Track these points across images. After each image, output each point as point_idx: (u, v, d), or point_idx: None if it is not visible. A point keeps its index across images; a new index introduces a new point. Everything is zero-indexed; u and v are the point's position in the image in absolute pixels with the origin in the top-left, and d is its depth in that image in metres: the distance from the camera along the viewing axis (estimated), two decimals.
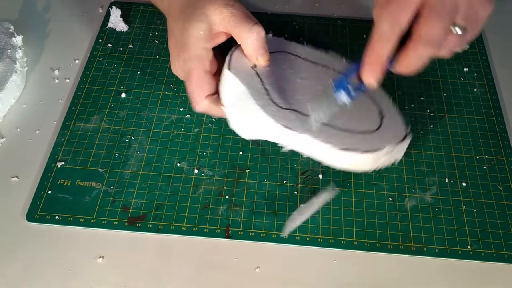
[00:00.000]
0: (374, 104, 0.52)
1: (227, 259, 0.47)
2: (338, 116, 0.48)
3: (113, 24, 0.64)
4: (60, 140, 0.54)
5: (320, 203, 0.49)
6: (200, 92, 0.50)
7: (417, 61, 0.43)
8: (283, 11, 0.67)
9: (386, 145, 0.47)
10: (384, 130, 0.49)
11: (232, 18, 0.49)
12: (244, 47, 0.50)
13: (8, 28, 0.60)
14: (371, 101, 0.52)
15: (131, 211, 0.49)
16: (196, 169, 0.52)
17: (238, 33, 0.50)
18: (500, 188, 0.52)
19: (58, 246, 0.47)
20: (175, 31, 0.52)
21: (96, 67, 0.60)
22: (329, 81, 0.46)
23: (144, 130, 0.55)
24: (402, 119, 0.50)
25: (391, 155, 0.48)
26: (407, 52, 0.42)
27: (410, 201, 0.51)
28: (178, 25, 0.51)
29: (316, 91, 0.51)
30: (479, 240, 0.48)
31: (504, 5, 0.69)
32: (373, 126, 0.49)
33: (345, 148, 0.46)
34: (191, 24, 0.50)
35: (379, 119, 0.50)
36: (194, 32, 0.49)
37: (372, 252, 0.47)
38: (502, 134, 0.56)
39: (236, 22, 0.49)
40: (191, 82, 0.50)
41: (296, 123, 0.47)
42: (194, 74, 0.50)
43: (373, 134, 0.49)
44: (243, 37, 0.49)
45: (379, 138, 0.48)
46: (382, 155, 0.47)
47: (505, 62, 0.63)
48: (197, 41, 0.50)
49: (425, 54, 0.42)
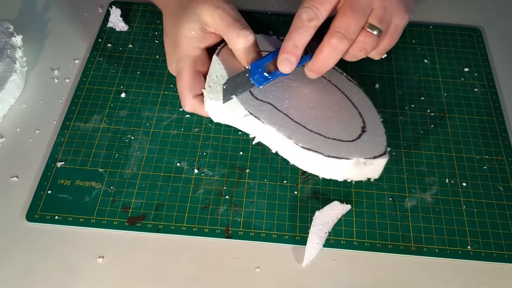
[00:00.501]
0: (360, 118, 0.51)
1: (227, 259, 0.47)
2: (313, 119, 0.49)
3: (113, 24, 0.64)
4: (60, 140, 0.54)
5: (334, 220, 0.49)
6: (189, 91, 0.50)
7: (330, 54, 0.45)
8: (283, 11, 0.67)
9: (355, 156, 0.46)
10: (360, 143, 0.48)
11: (222, 21, 0.49)
12: (234, 51, 0.50)
13: (8, 28, 0.60)
14: (358, 115, 0.51)
15: (131, 211, 0.49)
16: (196, 169, 0.52)
17: (227, 37, 0.50)
18: (500, 188, 0.52)
19: (58, 246, 0.47)
20: (168, 31, 0.52)
21: (96, 67, 0.60)
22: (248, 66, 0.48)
23: (144, 130, 0.55)
24: (384, 140, 0.49)
25: (362, 170, 0.48)
26: (322, 44, 0.45)
27: (410, 201, 0.51)
28: (171, 25, 0.52)
29: (301, 93, 0.52)
30: (479, 240, 0.48)
31: (504, 5, 0.69)
32: (349, 137, 0.49)
33: (307, 148, 0.46)
34: (183, 24, 0.50)
35: (359, 133, 0.50)
36: (185, 32, 0.50)
37: (372, 252, 0.47)
38: (503, 134, 0.56)
39: (225, 26, 0.49)
40: (181, 81, 0.50)
41: (264, 114, 0.48)
42: (184, 74, 0.50)
43: (346, 143, 0.48)
44: (232, 41, 0.49)
45: (351, 149, 0.47)
46: (348, 166, 0.47)
47: (505, 62, 0.63)
48: (188, 41, 0.50)
49: (338, 47, 0.45)
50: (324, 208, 0.49)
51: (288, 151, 0.48)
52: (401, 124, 0.56)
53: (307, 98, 0.51)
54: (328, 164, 0.47)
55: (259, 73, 0.47)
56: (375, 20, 0.45)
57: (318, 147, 0.46)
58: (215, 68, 0.51)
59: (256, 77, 0.47)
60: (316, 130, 0.48)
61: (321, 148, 0.46)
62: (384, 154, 0.48)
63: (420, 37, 0.64)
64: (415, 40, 0.64)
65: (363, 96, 0.53)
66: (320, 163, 0.47)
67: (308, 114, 0.50)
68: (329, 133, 0.48)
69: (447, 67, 0.62)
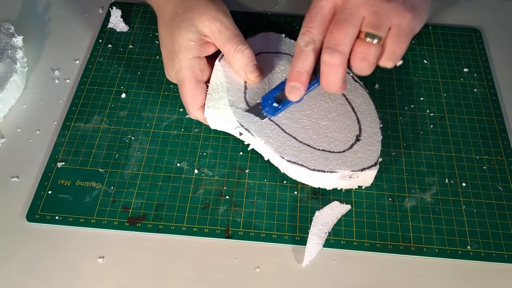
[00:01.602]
0: (357, 125, 0.51)
1: (227, 259, 0.47)
2: (305, 128, 0.50)
3: (113, 25, 0.64)
4: (60, 140, 0.54)
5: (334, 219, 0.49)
6: (193, 102, 0.51)
7: (330, 71, 0.44)
8: (283, 11, 0.67)
9: (341, 169, 0.47)
10: (351, 154, 0.49)
11: (220, 35, 0.50)
12: (231, 65, 0.52)
13: (9, 29, 0.60)
14: (356, 122, 0.51)
15: (131, 211, 0.49)
16: (196, 169, 0.52)
17: (225, 52, 0.51)
18: (500, 188, 0.52)
19: (58, 246, 0.47)
20: (165, 40, 0.52)
21: (96, 68, 0.60)
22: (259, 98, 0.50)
23: (144, 130, 0.55)
24: (379, 150, 0.50)
25: (350, 181, 0.49)
26: (321, 64, 0.44)
27: (410, 201, 0.51)
28: (167, 35, 0.52)
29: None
30: (479, 240, 0.48)
31: (504, 5, 0.69)
32: (340, 148, 0.49)
33: (292, 161, 0.48)
34: (180, 34, 0.50)
35: (352, 142, 0.50)
36: (184, 42, 0.50)
37: (372, 252, 0.48)
38: (502, 134, 0.56)
39: (223, 40, 0.50)
40: (184, 91, 0.51)
41: (255, 126, 0.49)
42: (186, 84, 0.51)
43: (335, 154, 0.49)
44: (230, 56, 0.51)
45: (339, 161, 0.48)
46: (334, 178, 0.48)
47: (505, 62, 0.63)
48: (187, 51, 0.50)
49: (332, 61, 0.43)
50: (324, 208, 0.49)
51: (277, 161, 0.49)
52: (400, 124, 0.56)
53: (304, 105, 0.52)
54: (314, 176, 0.48)
55: (268, 104, 0.49)
56: (369, 27, 0.43)
57: (304, 160, 0.48)
58: (216, 74, 0.52)
59: (266, 109, 0.49)
60: (306, 141, 0.49)
61: (307, 162, 0.48)
62: (375, 165, 0.48)
63: (419, 38, 0.64)
64: (415, 41, 0.64)
65: (366, 99, 0.53)
66: (307, 175, 0.48)
67: (301, 123, 0.50)
68: (319, 144, 0.49)
69: (446, 67, 0.62)
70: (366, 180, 0.50)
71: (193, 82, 0.50)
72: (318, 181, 0.49)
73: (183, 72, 0.50)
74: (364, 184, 0.51)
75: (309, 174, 0.48)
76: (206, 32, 0.50)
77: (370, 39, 0.43)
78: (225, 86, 0.51)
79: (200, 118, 0.52)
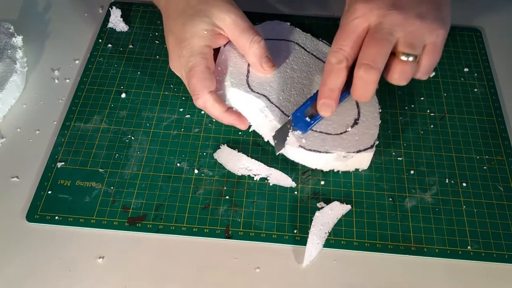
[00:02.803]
0: (356, 109, 0.52)
1: (227, 259, 0.47)
2: None
3: (113, 24, 0.64)
4: (60, 140, 0.54)
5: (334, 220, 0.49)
6: (203, 86, 0.51)
7: (364, 86, 0.45)
8: (283, 12, 0.67)
9: (337, 150, 0.48)
10: (347, 136, 0.50)
11: (234, 27, 0.51)
12: (246, 57, 0.53)
13: (8, 28, 0.60)
14: (355, 106, 0.52)
15: (131, 211, 0.49)
16: (196, 169, 0.52)
17: (240, 44, 0.52)
18: (500, 188, 0.52)
19: (58, 246, 0.47)
20: (175, 30, 0.52)
21: (96, 67, 0.60)
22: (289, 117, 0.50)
23: (144, 130, 0.55)
24: (376, 133, 0.51)
25: (347, 162, 0.50)
26: (353, 78, 0.45)
27: (410, 201, 0.51)
28: (178, 25, 0.52)
29: (300, 84, 0.53)
30: (480, 240, 0.48)
31: (504, 5, 0.69)
32: (337, 130, 0.50)
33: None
34: (194, 24, 0.51)
35: (350, 125, 0.51)
36: (197, 31, 0.51)
37: (373, 252, 0.47)
38: (502, 134, 0.56)
39: (238, 32, 0.51)
40: (194, 76, 0.51)
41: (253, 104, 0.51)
42: (198, 69, 0.51)
43: (332, 136, 0.50)
44: (245, 48, 0.52)
45: (335, 142, 0.49)
46: (330, 159, 0.49)
47: (505, 62, 0.63)
48: (200, 39, 0.51)
49: (367, 77, 0.44)
50: (324, 208, 0.49)
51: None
52: (401, 124, 0.56)
53: (306, 89, 0.53)
54: (310, 156, 0.49)
55: (301, 120, 0.49)
56: (405, 47, 0.44)
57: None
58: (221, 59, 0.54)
59: (299, 124, 0.49)
60: None
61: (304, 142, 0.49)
62: (371, 148, 0.49)
63: None
64: None
65: None
66: (303, 155, 0.49)
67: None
68: (317, 126, 0.50)
69: (447, 67, 0.62)
70: (363, 163, 0.51)
71: (204, 67, 0.51)
72: (314, 161, 0.50)
73: (195, 57, 0.51)
74: (360, 167, 0.51)
75: (305, 154, 0.49)
76: (220, 23, 0.51)
77: (406, 58, 0.44)
78: (228, 69, 0.53)
79: (208, 104, 0.51)
